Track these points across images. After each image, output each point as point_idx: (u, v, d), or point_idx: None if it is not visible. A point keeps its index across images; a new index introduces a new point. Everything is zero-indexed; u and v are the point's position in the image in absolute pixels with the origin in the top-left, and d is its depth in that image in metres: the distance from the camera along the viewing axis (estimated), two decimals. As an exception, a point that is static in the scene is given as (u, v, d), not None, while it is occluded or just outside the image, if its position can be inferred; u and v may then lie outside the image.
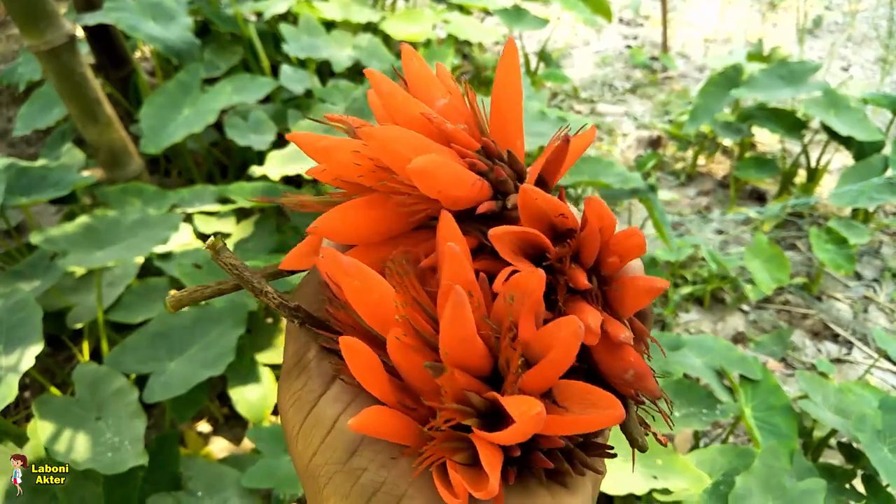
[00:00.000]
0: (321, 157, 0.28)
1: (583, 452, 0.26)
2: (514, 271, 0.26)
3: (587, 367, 0.27)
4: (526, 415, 0.22)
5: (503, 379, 0.25)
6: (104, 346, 1.24)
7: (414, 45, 2.16)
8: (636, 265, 0.28)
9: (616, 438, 0.39)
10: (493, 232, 0.26)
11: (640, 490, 0.95)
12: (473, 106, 0.31)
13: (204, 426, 1.38)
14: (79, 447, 0.90)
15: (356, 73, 1.92)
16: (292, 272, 0.31)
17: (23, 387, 1.43)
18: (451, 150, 0.28)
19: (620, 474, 0.97)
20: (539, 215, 0.27)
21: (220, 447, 1.32)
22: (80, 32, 1.76)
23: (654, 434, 0.28)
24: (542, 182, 0.29)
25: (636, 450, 0.28)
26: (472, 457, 0.25)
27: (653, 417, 0.30)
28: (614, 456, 0.27)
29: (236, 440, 1.34)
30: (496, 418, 0.25)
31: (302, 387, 0.27)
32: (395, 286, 0.26)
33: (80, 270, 1.31)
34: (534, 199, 0.26)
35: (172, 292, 0.29)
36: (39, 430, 0.91)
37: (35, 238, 1.19)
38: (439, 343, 0.24)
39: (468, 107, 0.31)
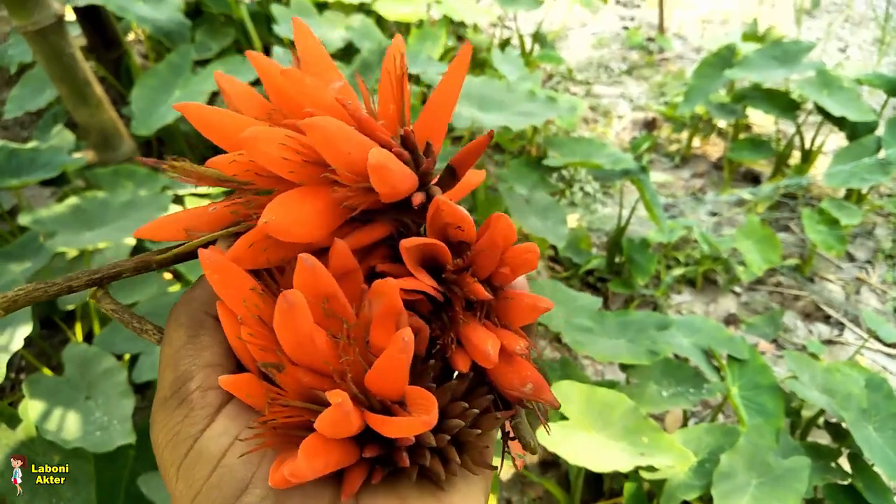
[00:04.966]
0: (243, 146, 0.26)
1: (458, 451, 0.26)
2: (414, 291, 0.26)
3: (475, 374, 0.27)
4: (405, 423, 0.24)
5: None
6: (96, 328, 1.25)
7: (407, 25, 2.14)
8: (521, 281, 0.29)
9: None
10: (405, 243, 0.26)
11: (625, 467, 0.95)
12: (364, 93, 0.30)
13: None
14: (69, 426, 0.91)
15: (349, 53, 1.91)
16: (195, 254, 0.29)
17: (18, 370, 1.43)
18: (373, 141, 0.27)
19: (607, 451, 0.98)
20: (442, 226, 0.27)
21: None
22: (71, 15, 1.75)
23: (546, 427, 0.28)
24: (453, 172, 0.29)
25: (528, 452, 0.28)
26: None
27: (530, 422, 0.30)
28: (494, 469, 0.28)
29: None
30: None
31: (182, 419, 0.24)
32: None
33: (71, 252, 1.31)
34: (442, 209, 0.26)
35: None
36: (30, 409, 0.92)
37: (24, 219, 1.19)
38: (280, 344, 0.25)
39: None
